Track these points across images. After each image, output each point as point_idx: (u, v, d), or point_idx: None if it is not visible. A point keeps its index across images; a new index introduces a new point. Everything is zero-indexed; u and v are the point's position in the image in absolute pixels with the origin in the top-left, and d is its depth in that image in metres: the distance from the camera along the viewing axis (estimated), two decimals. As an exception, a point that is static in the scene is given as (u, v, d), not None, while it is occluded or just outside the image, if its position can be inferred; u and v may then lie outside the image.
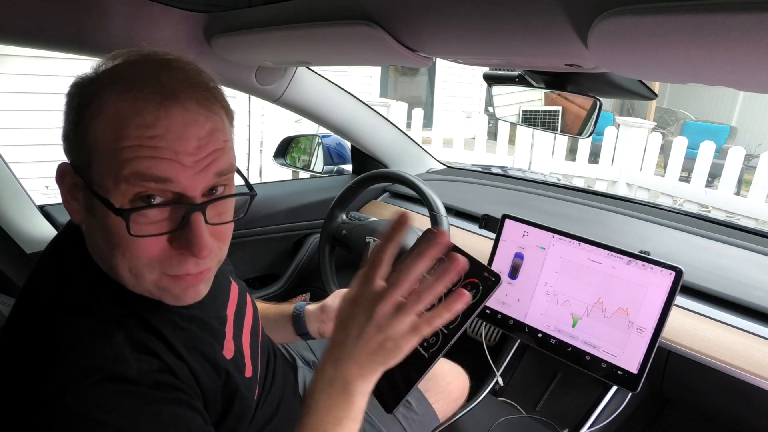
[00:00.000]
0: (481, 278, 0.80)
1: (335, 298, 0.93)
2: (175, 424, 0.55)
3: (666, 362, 0.95)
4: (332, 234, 1.33)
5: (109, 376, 0.52)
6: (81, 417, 0.49)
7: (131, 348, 0.55)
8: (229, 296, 0.77)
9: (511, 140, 5.66)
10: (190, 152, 0.52)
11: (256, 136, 5.04)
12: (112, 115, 0.51)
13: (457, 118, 5.70)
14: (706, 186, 4.82)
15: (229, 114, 0.59)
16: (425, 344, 0.80)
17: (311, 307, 0.95)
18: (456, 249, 0.87)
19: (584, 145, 5.34)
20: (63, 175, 0.56)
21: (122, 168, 0.50)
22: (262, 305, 1.00)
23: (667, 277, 0.88)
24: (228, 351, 0.70)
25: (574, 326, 0.98)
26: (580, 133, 1.08)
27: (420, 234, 0.99)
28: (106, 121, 0.51)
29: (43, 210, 1.28)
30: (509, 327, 1.07)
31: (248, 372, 0.73)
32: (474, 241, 1.30)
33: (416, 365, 0.76)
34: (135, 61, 0.54)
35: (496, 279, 0.77)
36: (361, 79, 6.97)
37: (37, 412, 0.50)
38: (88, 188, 0.53)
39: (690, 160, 4.99)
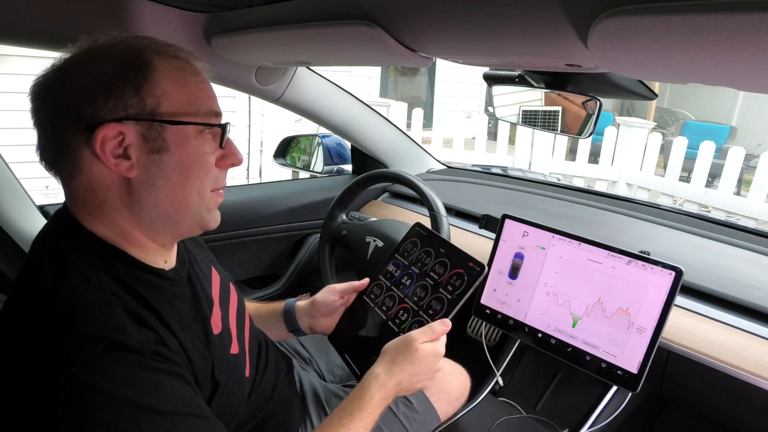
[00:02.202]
0: (466, 268, 0.82)
1: (325, 293, 0.95)
2: (174, 396, 0.57)
3: (666, 362, 0.95)
4: (332, 234, 1.33)
5: (113, 345, 0.54)
6: (85, 386, 0.51)
7: (130, 320, 0.57)
8: (212, 283, 0.79)
9: (511, 140, 5.66)
10: (214, 92, 0.68)
11: (256, 136, 5.04)
12: (170, 70, 0.62)
13: (457, 118, 5.69)
14: (706, 186, 4.82)
15: None
16: (409, 331, 0.82)
17: (301, 303, 0.98)
18: (441, 241, 0.89)
19: (584, 145, 5.34)
20: (106, 138, 0.59)
21: (197, 106, 0.64)
22: (254, 305, 1.03)
23: (667, 277, 0.88)
24: (215, 328, 0.73)
25: (574, 326, 0.98)
26: (580, 133, 1.08)
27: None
28: (167, 74, 0.62)
29: (43, 210, 1.28)
30: (509, 327, 1.07)
31: (234, 349, 0.76)
32: (474, 241, 1.30)
33: None
34: (149, 41, 0.65)
35: (480, 269, 0.80)
36: (361, 79, 6.97)
37: (43, 382, 0.51)
38: (164, 124, 0.61)
39: (690, 160, 4.99)
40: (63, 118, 0.59)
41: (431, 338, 0.78)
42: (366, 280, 0.95)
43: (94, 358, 0.52)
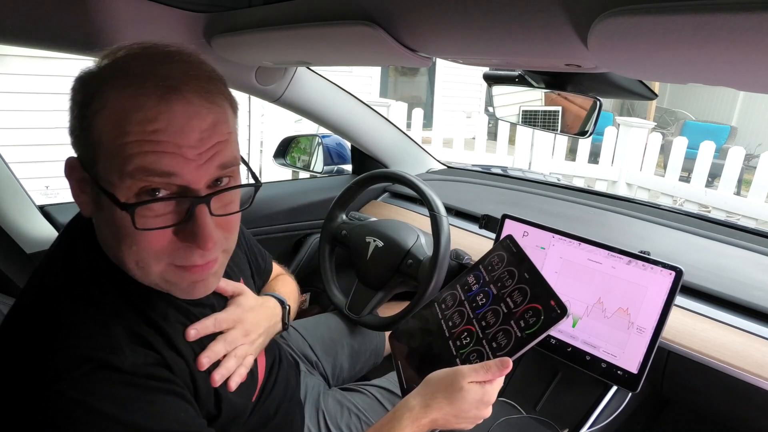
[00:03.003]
0: (545, 306, 0.71)
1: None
2: (167, 414, 0.56)
3: (666, 362, 0.95)
4: (332, 234, 1.33)
5: (103, 365, 0.53)
6: (75, 404, 0.50)
7: (129, 340, 0.56)
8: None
9: (511, 140, 5.66)
10: (192, 145, 0.52)
11: (256, 136, 5.04)
12: (114, 110, 0.51)
13: (457, 118, 5.69)
14: (706, 186, 4.82)
15: (233, 105, 0.59)
16: (466, 360, 0.76)
17: None
18: (529, 264, 0.80)
19: (584, 145, 5.33)
20: (72, 170, 0.57)
21: (126, 163, 0.50)
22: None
23: (667, 277, 0.88)
24: None
25: (574, 326, 0.98)
26: (580, 133, 1.08)
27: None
28: (108, 117, 0.51)
29: (43, 210, 1.28)
30: (509, 327, 1.07)
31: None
32: (474, 241, 1.30)
33: None
34: (136, 55, 0.54)
35: (561, 311, 0.69)
36: (361, 79, 6.96)
37: (33, 398, 0.51)
38: (95, 183, 0.53)
39: (690, 160, 4.99)
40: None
41: (483, 378, 0.68)
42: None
43: (84, 377, 0.51)
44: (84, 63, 0.64)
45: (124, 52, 0.54)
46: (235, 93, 0.63)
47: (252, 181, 0.62)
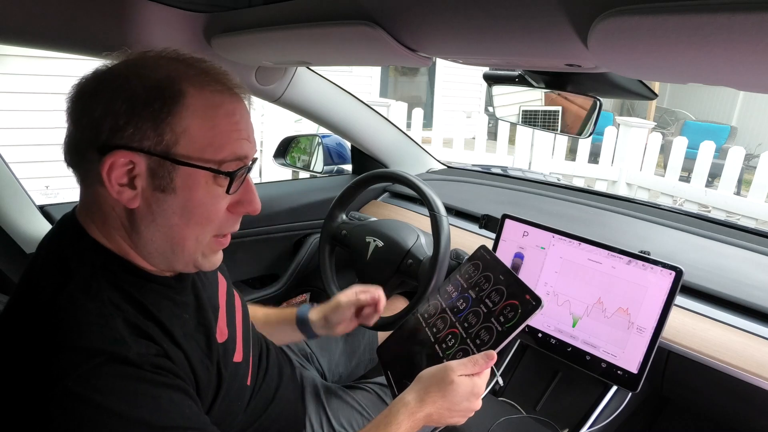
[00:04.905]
0: (521, 300, 0.77)
1: (337, 311, 0.96)
2: (173, 410, 0.56)
3: (666, 362, 0.95)
4: (332, 234, 1.33)
5: (111, 358, 0.53)
6: (82, 400, 0.51)
7: (130, 332, 0.56)
8: (218, 289, 0.79)
9: (511, 140, 5.66)
10: (252, 131, 0.65)
11: (256, 136, 5.04)
12: (200, 105, 0.59)
13: (457, 118, 5.69)
14: (706, 186, 4.82)
15: None
16: (452, 359, 0.79)
17: (315, 316, 0.98)
18: (503, 267, 0.86)
19: (584, 145, 5.33)
20: (115, 164, 0.57)
21: (219, 151, 0.60)
22: (261, 311, 1.03)
23: (667, 277, 0.88)
24: (221, 335, 0.72)
25: (574, 326, 0.98)
26: (580, 133, 1.08)
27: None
28: (197, 111, 0.59)
29: (43, 210, 1.28)
30: (509, 327, 1.07)
31: (238, 357, 0.76)
32: (474, 241, 1.30)
33: None
34: (193, 57, 0.63)
35: (536, 303, 0.75)
36: (361, 79, 6.96)
37: (38, 396, 0.51)
38: (174, 164, 0.58)
39: (690, 160, 4.99)
40: (85, 130, 0.58)
41: (471, 371, 0.72)
42: (373, 295, 0.95)
43: (92, 372, 0.52)
44: (85, 63, 0.64)
45: (181, 66, 0.61)
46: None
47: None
